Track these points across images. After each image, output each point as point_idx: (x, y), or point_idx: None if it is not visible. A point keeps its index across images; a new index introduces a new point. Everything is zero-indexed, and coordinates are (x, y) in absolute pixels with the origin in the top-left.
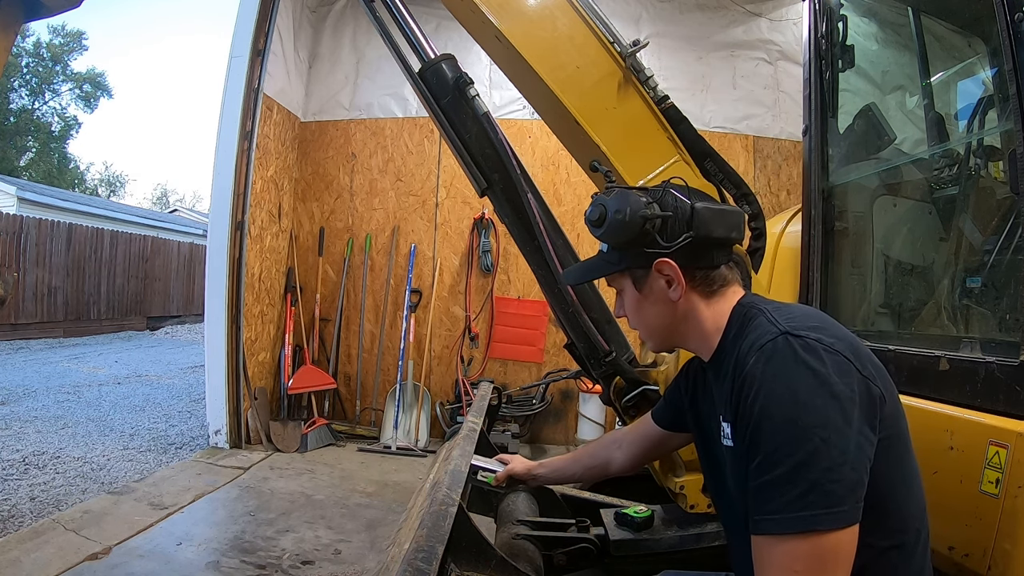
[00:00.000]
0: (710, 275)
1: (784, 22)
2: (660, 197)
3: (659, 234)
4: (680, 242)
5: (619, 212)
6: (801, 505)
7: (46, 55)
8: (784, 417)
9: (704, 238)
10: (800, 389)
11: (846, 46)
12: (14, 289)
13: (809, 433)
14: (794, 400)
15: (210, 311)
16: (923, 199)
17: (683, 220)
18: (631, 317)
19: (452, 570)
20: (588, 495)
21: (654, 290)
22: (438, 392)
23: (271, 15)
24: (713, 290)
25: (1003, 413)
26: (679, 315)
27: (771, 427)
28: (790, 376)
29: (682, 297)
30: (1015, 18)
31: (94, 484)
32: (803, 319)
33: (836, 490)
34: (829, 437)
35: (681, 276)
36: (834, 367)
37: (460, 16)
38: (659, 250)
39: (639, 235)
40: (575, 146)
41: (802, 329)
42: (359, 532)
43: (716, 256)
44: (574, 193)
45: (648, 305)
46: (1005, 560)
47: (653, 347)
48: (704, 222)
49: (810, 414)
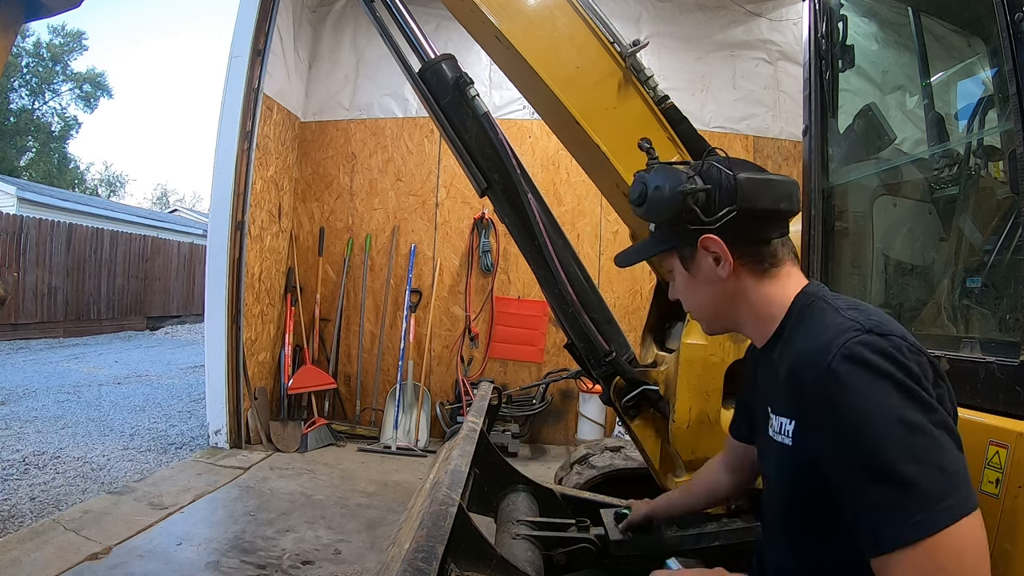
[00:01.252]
0: (760, 251)
1: (784, 22)
2: (702, 170)
3: (702, 209)
4: (724, 216)
5: (658, 188)
6: (935, 499)
7: (46, 55)
8: (885, 414)
9: (749, 211)
10: (896, 379)
11: (846, 46)
12: (14, 289)
13: (913, 422)
14: (891, 392)
15: (210, 311)
16: (923, 199)
17: (726, 193)
18: (683, 298)
19: (452, 570)
20: (588, 495)
21: (702, 268)
22: (438, 392)
23: (271, 15)
24: (764, 268)
25: (1003, 413)
26: (729, 295)
27: (872, 430)
28: (883, 371)
29: (731, 275)
30: (1015, 18)
31: (94, 484)
32: (882, 319)
33: (959, 471)
34: (932, 423)
35: (728, 252)
36: (919, 369)
37: (460, 16)
38: (703, 226)
39: (681, 211)
40: (575, 146)
41: (886, 328)
42: (359, 532)
43: (765, 230)
44: (574, 193)
45: (698, 285)
46: (1005, 560)
47: (707, 329)
48: (749, 194)
49: (910, 401)
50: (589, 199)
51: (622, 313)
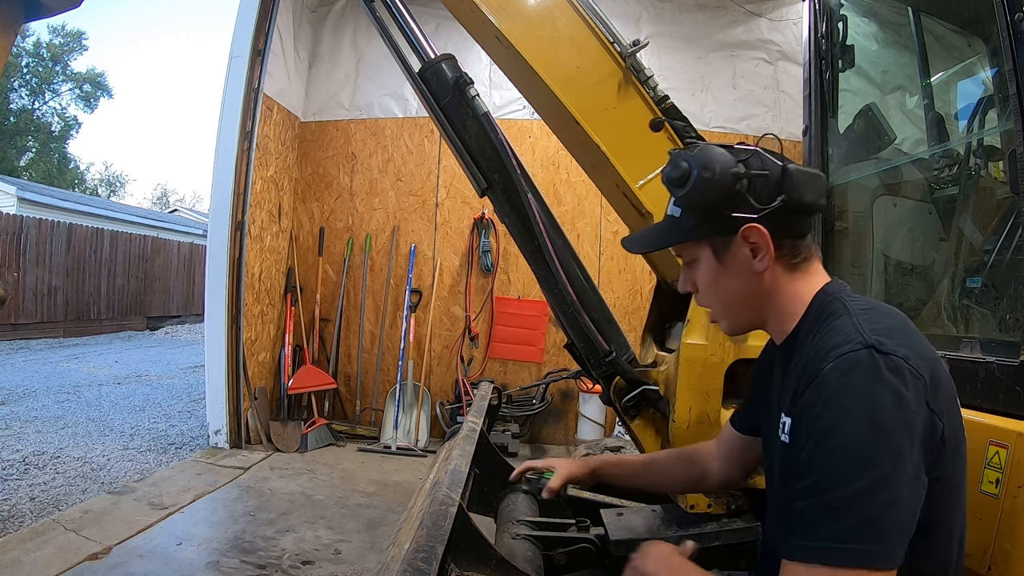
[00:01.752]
0: (798, 245)
1: (784, 22)
2: (748, 158)
3: (750, 196)
4: (774, 205)
5: (707, 169)
6: (851, 537)
7: (46, 55)
8: (853, 439)
9: (797, 203)
10: (877, 412)
11: (846, 46)
12: (14, 289)
13: (877, 461)
14: (869, 423)
15: (210, 311)
16: (923, 199)
17: (775, 181)
18: (705, 292)
19: (452, 570)
20: (588, 495)
21: (737, 260)
22: (438, 392)
23: (271, 15)
24: (797, 263)
25: (1003, 413)
26: (762, 290)
27: (835, 445)
28: (869, 396)
29: (768, 269)
30: (1015, 18)
31: (94, 484)
32: (890, 330)
33: (890, 529)
34: (896, 470)
35: (771, 244)
36: (915, 393)
37: (460, 16)
38: (748, 214)
39: (729, 196)
40: (575, 146)
41: (889, 343)
42: (359, 532)
43: (806, 224)
44: (574, 193)
45: (728, 278)
46: (1005, 560)
47: (728, 328)
48: (797, 185)
49: (883, 442)
50: (589, 199)
51: (622, 313)
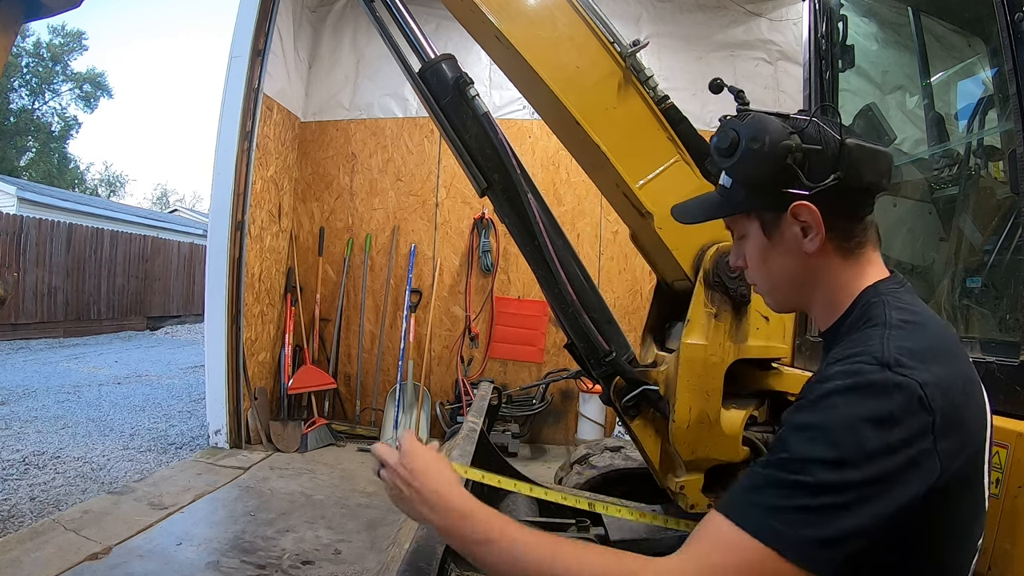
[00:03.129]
0: (852, 228)
1: (784, 22)
2: (804, 128)
3: (802, 171)
4: (827, 183)
5: (756, 140)
6: (783, 516)
7: (46, 55)
8: (828, 437)
9: (854, 181)
10: (862, 424)
11: (846, 46)
12: (14, 289)
13: (843, 466)
14: (850, 429)
15: (210, 311)
16: (923, 199)
17: (831, 157)
18: (753, 268)
19: (452, 570)
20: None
21: (786, 238)
22: (438, 392)
23: (271, 15)
24: (850, 247)
25: (1003, 413)
26: (811, 272)
27: (810, 437)
28: (860, 406)
29: (818, 250)
30: (1015, 18)
31: (94, 484)
32: (921, 351)
33: (828, 534)
34: (858, 486)
35: (822, 224)
36: (914, 425)
37: (460, 16)
38: (799, 191)
39: (778, 171)
40: (575, 146)
41: (909, 364)
42: (359, 532)
43: (862, 206)
44: (574, 193)
45: (776, 255)
46: (1005, 560)
47: (774, 305)
48: (855, 162)
49: (857, 452)
50: (589, 199)
51: (622, 313)
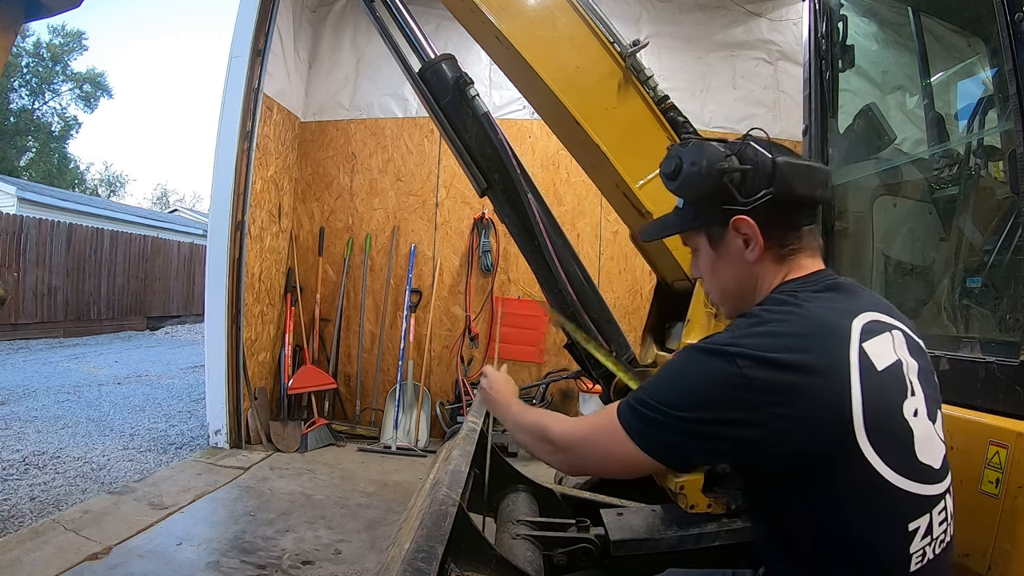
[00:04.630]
0: (788, 236)
1: (784, 22)
2: (740, 150)
3: (738, 189)
4: (759, 198)
5: (695, 164)
6: (632, 412)
7: (46, 55)
8: (665, 378)
9: (785, 195)
10: (686, 374)
11: (846, 46)
12: (14, 289)
13: (673, 397)
14: (677, 374)
15: (210, 311)
16: (923, 199)
17: (763, 175)
18: (706, 278)
19: (452, 570)
20: (588, 495)
21: (731, 250)
22: (438, 392)
23: (271, 15)
24: (785, 254)
25: (1003, 413)
26: (752, 278)
27: (656, 377)
28: (688, 362)
29: (758, 259)
30: (1015, 18)
31: (94, 484)
32: (760, 334)
33: (655, 434)
34: (676, 413)
35: (760, 235)
36: (723, 391)
37: (460, 16)
38: (737, 206)
39: (716, 189)
40: (575, 146)
41: (737, 343)
42: (359, 532)
43: (797, 217)
44: (574, 193)
45: (724, 266)
46: (1005, 560)
47: (726, 311)
48: (786, 178)
49: (681, 389)
50: (589, 199)
51: (622, 313)
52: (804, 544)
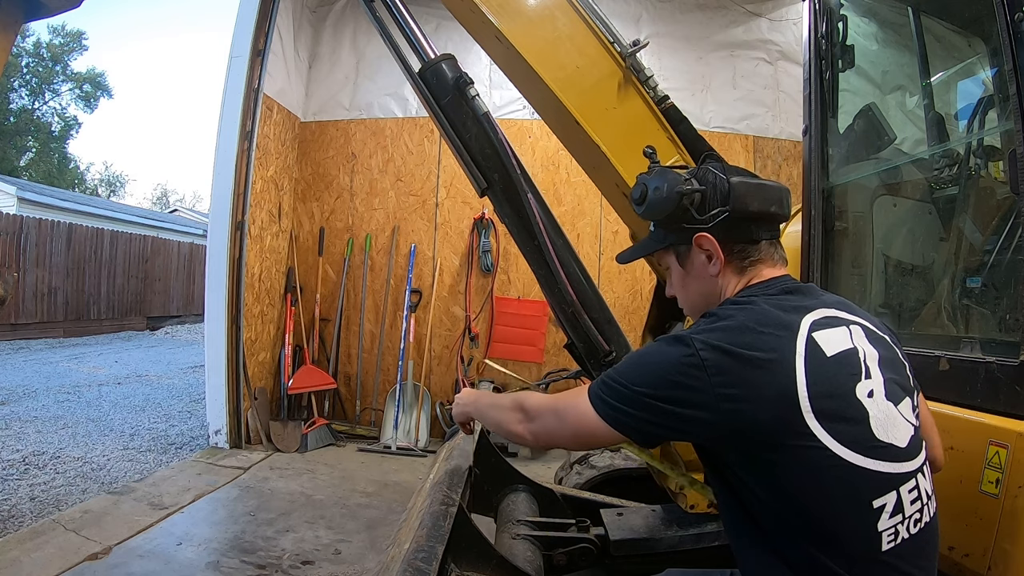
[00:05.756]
0: (747, 250)
1: (784, 22)
2: (698, 174)
3: (697, 209)
4: (716, 216)
5: (657, 189)
6: (601, 387)
7: (46, 55)
8: (629, 362)
9: (741, 212)
10: (649, 359)
11: (846, 46)
12: (14, 289)
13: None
14: (640, 359)
15: (210, 311)
16: (923, 199)
17: (720, 194)
18: (678, 294)
19: (452, 570)
20: (588, 495)
21: (696, 265)
22: (438, 392)
23: (271, 15)
24: (745, 266)
25: (1003, 413)
26: (716, 290)
27: (624, 361)
28: (652, 350)
29: (721, 272)
30: (1015, 18)
31: (94, 484)
32: (716, 329)
33: (620, 409)
34: (637, 390)
35: (720, 251)
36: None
37: (460, 16)
38: (697, 224)
39: (677, 210)
40: (575, 146)
41: (697, 336)
42: (359, 532)
43: (756, 231)
44: (574, 193)
45: (691, 281)
46: (1005, 560)
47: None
48: (740, 196)
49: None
50: (589, 199)
51: (622, 313)
52: (769, 525)
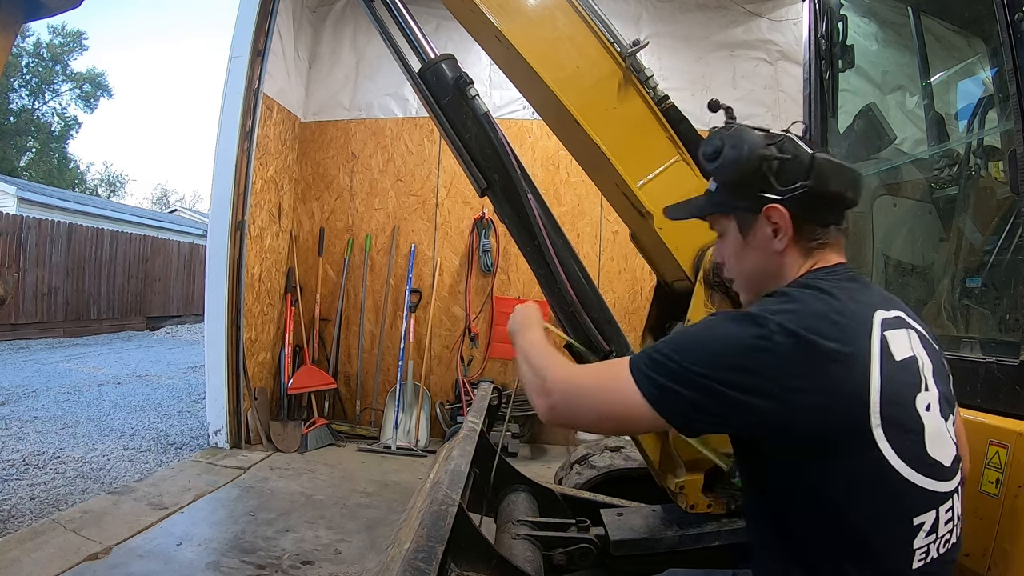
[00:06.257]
0: (815, 231)
1: (784, 22)
2: (779, 142)
3: (775, 178)
4: (795, 189)
5: (736, 148)
6: (647, 362)
7: (46, 55)
8: (688, 337)
9: (820, 190)
10: (714, 335)
11: (846, 46)
12: (14, 289)
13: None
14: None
15: (210, 311)
16: (923, 199)
17: (801, 167)
18: (729, 263)
19: (452, 570)
20: (588, 495)
21: (758, 237)
22: (438, 392)
23: (271, 15)
24: (812, 248)
25: (1003, 413)
26: (776, 267)
27: (682, 333)
28: (718, 324)
29: (785, 249)
30: (1015, 18)
31: (94, 484)
32: (789, 311)
33: (667, 386)
34: (694, 371)
35: (791, 226)
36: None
37: (460, 16)
38: (772, 194)
39: (754, 176)
40: (575, 146)
41: (770, 312)
42: (359, 532)
43: (828, 214)
44: (574, 193)
45: (750, 252)
46: (1005, 560)
47: (745, 298)
48: (823, 173)
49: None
50: (589, 199)
51: (622, 313)
52: (801, 535)
